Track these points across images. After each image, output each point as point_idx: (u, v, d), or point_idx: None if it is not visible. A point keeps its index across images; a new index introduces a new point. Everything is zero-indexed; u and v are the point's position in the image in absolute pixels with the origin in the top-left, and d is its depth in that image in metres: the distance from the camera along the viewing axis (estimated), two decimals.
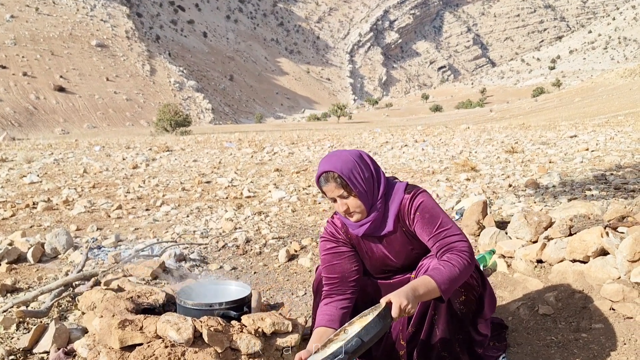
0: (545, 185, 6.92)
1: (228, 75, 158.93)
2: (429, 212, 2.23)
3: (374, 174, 2.27)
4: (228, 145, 15.34)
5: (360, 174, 2.21)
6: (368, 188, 2.24)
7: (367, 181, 2.23)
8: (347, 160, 2.22)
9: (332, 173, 2.19)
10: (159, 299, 2.74)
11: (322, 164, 2.26)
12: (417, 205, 2.24)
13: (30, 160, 11.46)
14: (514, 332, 2.91)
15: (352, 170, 2.20)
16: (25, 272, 4.07)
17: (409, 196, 2.27)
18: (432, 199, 2.30)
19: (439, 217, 2.22)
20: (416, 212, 2.23)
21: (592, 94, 63.99)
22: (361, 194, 2.22)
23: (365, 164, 2.25)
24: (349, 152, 2.27)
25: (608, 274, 2.94)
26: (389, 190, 2.31)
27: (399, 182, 2.36)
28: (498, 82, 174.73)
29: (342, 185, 2.20)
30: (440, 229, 2.20)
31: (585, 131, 15.23)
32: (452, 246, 2.15)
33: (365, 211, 2.26)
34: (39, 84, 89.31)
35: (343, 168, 2.19)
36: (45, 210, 6.31)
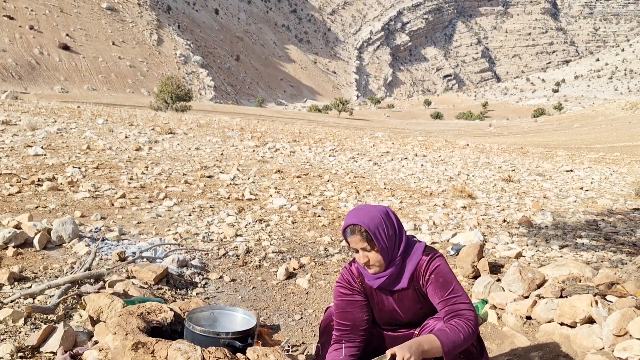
0: (539, 224, 7.08)
1: (235, 55, 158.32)
2: (443, 276, 2.35)
3: (397, 232, 2.40)
4: (230, 135, 15.42)
5: (385, 231, 2.34)
6: (390, 245, 2.36)
7: (390, 238, 2.36)
8: (374, 216, 2.35)
9: (359, 227, 2.32)
10: (168, 317, 2.87)
11: (350, 216, 2.38)
12: (433, 268, 2.36)
13: (35, 127, 11.51)
14: None
15: (377, 227, 2.33)
16: (32, 258, 4.17)
17: (426, 258, 2.39)
18: (447, 264, 2.42)
19: (452, 283, 2.34)
20: (431, 275, 2.35)
21: (592, 121, 64.46)
22: (383, 249, 2.35)
23: (390, 222, 2.38)
24: (377, 209, 2.40)
25: (593, 343, 3.09)
26: (408, 248, 2.44)
27: (418, 242, 2.48)
28: (501, 98, 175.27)
29: (366, 239, 2.33)
30: (452, 295, 2.31)
31: (581, 166, 15.44)
32: (460, 313, 2.27)
33: (384, 265, 2.39)
34: (45, 39, 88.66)
35: (370, 223, 2.32)
36: (50, 189, 6.40)
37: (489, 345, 3.41)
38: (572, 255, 5.48)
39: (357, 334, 2.48)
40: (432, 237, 5.86)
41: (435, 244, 5.68)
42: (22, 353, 2.78)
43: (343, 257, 5.06)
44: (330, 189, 8.58)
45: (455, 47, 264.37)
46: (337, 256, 5.08)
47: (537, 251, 5.59)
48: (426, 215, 7.09)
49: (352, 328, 2.48)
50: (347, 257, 5.03)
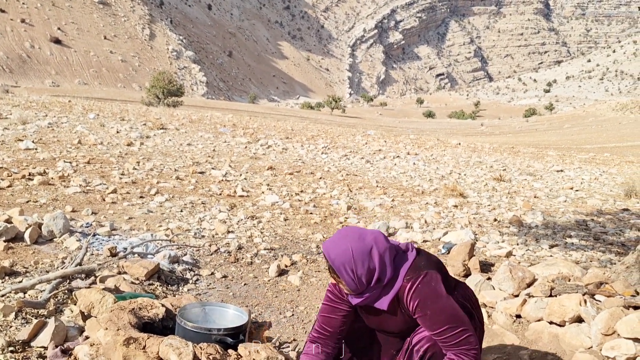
0: (529, 224, 7.13)
1: (227, 50, 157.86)
2: (430, 308, 2.22)
3: (377, 270, 2.27)
4: (222, 131, 15.39)
5: (351, 272, 2.25)
6: (356, 281, 2.26)
7: (356, 277, 2.25)
8: (344, 253, 2.25)
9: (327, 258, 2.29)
10: (159, 313, 2.87)
11: (329, 240, 2.33)
12: (415, 300, 2.24)
13: (25, 121, 11.44)
14: None
15: (343, 264, 2.24)
16: (22, 253, 4.16)
17: (407, 285, 2.26)
18: (433, 285, 2.26)
19: (442, 314, 2.21)
20: (416, 308, 2.24)
21: (582, 122, 64.83)
22: (351, 283, 2.28)
23: (366, 261, 2.25)
24: (355, 243, 2.27)
25: (581, 342, 3.13)
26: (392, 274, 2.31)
27: (405, 263, 2.33)
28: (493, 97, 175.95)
29: (331, 270, 2.31)
30: (443, 328, 2.20)
31: (571, 166, 15.53)
32: (457, 344, 2.20)
33: (355, 293, 2.33)
34: (36, 33, 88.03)
35: (336, 260, 2.25)
36: (41, 184, 6.37)
37: None
38: (562, 255, 5.52)
39: (333, 340, 2.50)
40: (424, 236, 5.89)
41: (426, 243, 5.71)
42: (12, 347, 2.77)
43: None
44: (323, 186, 8.59)
45: (448, 46, 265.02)
46: None
47: (527, 250, 5.63)
48: (418, 214, 7.12)
49: (330, 335, 2.50)
50: None
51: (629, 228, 7.16)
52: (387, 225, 6.08)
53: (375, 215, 6.91)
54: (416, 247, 2.45)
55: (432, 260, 2.40)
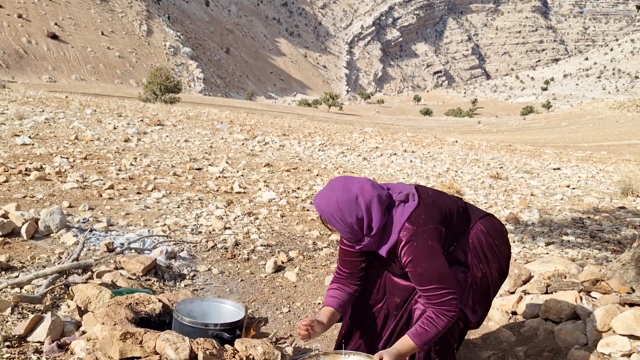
0: (525, 221, 7.15)
1: (225, 47, 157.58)
2: (420, 266, 2.28)
3: (364, 218, 2.30)
4: (220, 127, 15.38)
5: (341, 220, 2.30)
6: (349, 229, 2.33)
7: (347, 225, 2.31)
8: (331, 204, 2.30)
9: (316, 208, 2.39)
10: (156, 308, 2.87)
11: (317, 195, 2.41)
12: (409, 257, 2.29)
13: (22, 116, 11.40)
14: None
15: (332, 215, 2.31)
16: (19, 248, 4.16)
17: (403, 239, 2.30)
18: (429, 244, 2.29)
19: (430, 273, 2.27)
20: (408, 263, 2.30)
21: (580, 120, 64.94)
22: (344, 234, 2.37)
23: (353, 209, 2.29)
24: (341, 194, 2.31)
25: (577, 339, 3.14)
26: (387, 224, 2.34)
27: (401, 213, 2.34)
28: (490, 95, 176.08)
29: (323, 221, 2.42)
30: (429, 287, 2.28)
31: (568, 164, 15.56)
32: (439, 303, 2.29)
33: (353, 241, 2.41)
34: (33, 28, 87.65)
35: (325, 211, 2.33)
36: (38, 179, 6.36)
37: (474, 340, 3.45)
38: (558, 252, 5.54)
39: (354, 279, 2.60)
40: None
41: None
42: (8, 342, 2.77)
43: (331, 252, 5.09)
44: (320, 183, 8.59)
45: (445, 43, 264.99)
46: (325, 250, 5.10)
47: (523, 247, 5.65)
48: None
49: (350, 275, 2.60)
50: (335, 252, 5.04)
51: (625, 226, 7.19)
52: None
53: None
54: (421, 193, 2.45)
55: (436, 209, 2.40)
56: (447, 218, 2.43)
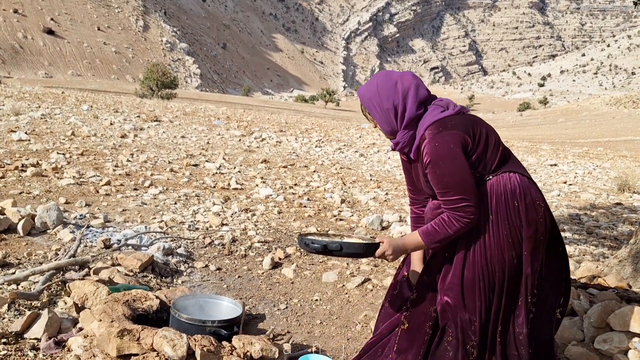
0: None
1: (221, 43, 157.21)
2: (439, 167, 2.24)
3: (399, 105, 2.31)
4: (216, 124, 15.35)
5: (378, 106, 2.34)
6: (385, 118, 2.34)
7: (384, 112, 2.33)
8: (370, 89, 2.36)
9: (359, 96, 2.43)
10: (153, 305, 2.87)
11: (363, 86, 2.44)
12: (430, 156, 2.25)
13: (18, 112, 11.37)
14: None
15: (370, 100, 2.36)
16: (15, 244, 4.14)
17: (427, 137, 2.27)
18: (452, 147, 2.23)
19: (449, 177, 2.22)
20: (428, 163, 2.26)
21: (576, 116, 65.01)
22: (379, 120, 2.37)
23: (390, 95, 2.31)
24: (383, 78, 2.35)
25: (574, 335, 3.14)
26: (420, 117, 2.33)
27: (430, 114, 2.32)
28: (487, 91, 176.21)
29: (363, 110, 2.44)
30: (447, 190, 2.25)
31: (565, 160, 15.59)
32: (454, 208, 2.25)
33: (387, 133, 2.42)
34: (29, 23, 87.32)
35: (364, 95, 2.39)
36: (34, 175, 6.34)
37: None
38: None
39: (419, 194, 2.58)
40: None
41: None
42: (5, 339, 2.76)
43: None
44: (317, 179, 8.59)
45: (442, 39, 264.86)
46: None
47: None
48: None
49: (414, 189, 2.59)
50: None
51: (622, 222, 7.21)
52: (381, 218, 6.08)
53: (369, 209, 6.91)
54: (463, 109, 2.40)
55: (470, 123, 2.32)
56: (479, 137, 2.31)
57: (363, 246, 2.35)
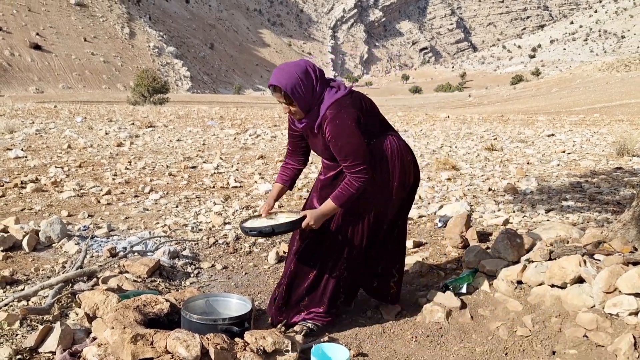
0: (524, 190, 7.17)
1: (209, 43, 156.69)
2: (340, 140, 2.78)
3: (314, 86, 2.80)
4: (210, 124, 15.33)
5: (301, 88, 2.76)
6: (305, 100, 2.80)
7: (305, 93, 2.78)
8: (291, 75, 2.76)
9: (279, 87, 2.76)
10: (164, 308, 2.88)
11: (273, 75, 2.82)
12: (332, 132, 2.78)
13: (12, 130, 11.36)
14: (492, 352, 3.10)
15: (295, 86, 2.75)
16: (22, 261, 4.15)
17: (329, 116, 2.78)
18: (349, 123, 2.78)
19: (348, 146, 2.78)
20: (331, 138, 2.79)
21: (570, 85, 64.94)
22: (300, 104, 2.80)
23: (306, 79, 2.78)
24: (296, 67, 2.80)
25: (584, 302, 3.16)
26: (323, 97, 2.84)
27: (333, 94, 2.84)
28: (478, 67, 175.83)
29: (285, 97, 2.79)
30: (347, 158, 2.80)
31: (562, 129, 15.59)
32: (354, 172, 2.81)
33: (303, 114, 2.86)
34: (14, 40, 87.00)
35: (287, 84, 2.75)
36: (34, 191, 6.34)
37: (482, 312, 3.47)
38: (559, 218, 5.56)
39: (297, 155, 3.24)
40: (419, 211, 5.91)
41: (422, 218, 5.74)
42: (20, 355, 2.77)
43: None
44: (314, 170, 8.59)
45: (429, 19, 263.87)
46: None
47: (524, 217, 5.67)
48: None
49: (294, 151, 3.23)
50: None
51: (623, 186, 7.22)
52: None
53: None
54: (353, 89, 2.96)
55: (360, 101, 2.92)
56: (366, 112, 2.93)
57: (290, 224, 2.86)
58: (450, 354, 3.11)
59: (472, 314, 3.46)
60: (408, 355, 3.08)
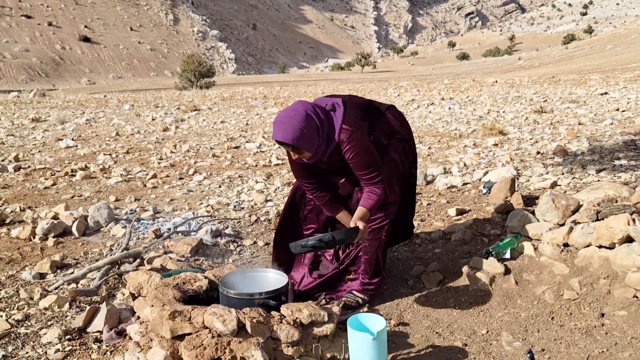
0: (574, 152, 6.90)
1: (251, 24, 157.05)
2: (361, 158, 2.90)
3: (318, 127, 2.83)
4: (254, 104, 15.42)
5: (306, 136, 2.77)
6: (314, 142, 2.83)
7: (312, 137, 2.80)
8: (294, 128, 2.74)
9: (287, 143, 2.77)
10: (203, 285, 2.93)
11: (276, 130, 2.80)
12: (352, 152, 2.89)
13: (64, 121, 11.75)
14: (538, 316, 3.03)
15: (299, 138, 2.76)
16: (72, 246, 4.30)
17: (344, 139, 2.88)
18: (365, 141, 2.93)
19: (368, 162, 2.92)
20: (352, 157, 2.90)
21: (625, 40, 61.83)
22: (309, 149, 2.84)
23: (310, 124, 2.79)
24: (296, 116, 2.77)
25: (633, 261, 3.03)
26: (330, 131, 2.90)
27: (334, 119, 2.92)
28: (528, 29, 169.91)
29: (294, 149, 2.84)
30: (366, 171, 2.92)
31: (616, 87, 14.91)
32: (373, 183, 2.94)
33: (313, 155, 2.91)
34: (64, 34, 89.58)
35: (294, 138, 2.75)
36: (84, 179, 6.55)
37: (527, 277, 3.38)
38: (610, 178, 5.33)
39: (324, 185, 3.21)
40: (464, 178, 5.78)
41: (467, 185, 5.62)
42: (69, 336, 2.88)
43: None
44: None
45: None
46: None
47: (573, 178, 5.46)
48: (456, 158, 6.99)
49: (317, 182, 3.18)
50: None
51: None
52: (425, 173, 5.99)
53: None
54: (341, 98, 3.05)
55: (358, 108, 3.03)
56: (365, 112, 3.08)
57: (348, 233, 2.85)
58: (494, 320, 3.05)
59: (517, 279, 3.38)
60: (450, 323, 3.04)
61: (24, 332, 2.95)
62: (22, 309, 3.22)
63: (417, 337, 2.92)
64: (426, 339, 2.91)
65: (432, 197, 5.27)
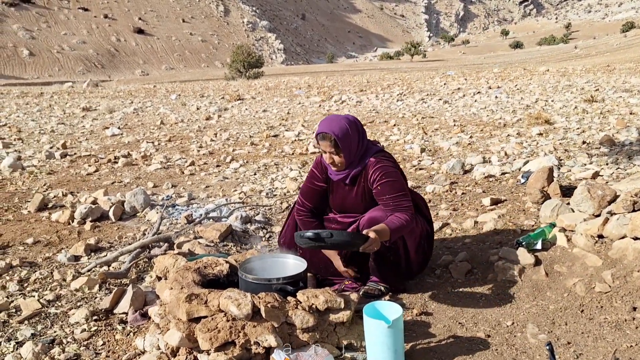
0: (622, 142, 6.63)
1: (300, 14, 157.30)
2: (390, 177, 2.92)
3: (360, 139, 2.92)
4: (297, 93, 15.46)
5: (350, 138, 2.85)
6: (353, 149, 2.89)
7: (353, 144, 2.87)
8: (343, 126, 2.84)
9: (330, 135, 2.82)
10: (223, 270, 2.95)
11: (322, 124, 2.89)
12: (379, 172, 2.91)
13: (112, 110, 12.08)
14: (567, 309, 2.92)
15: (346, 136, 2.83)
16: (107, 230, 4.42)
17: (374, 161, 2.93)
18: (393, 166, 2.98)
19: (397, 184, 2.94)
20: (380, 177, 2.91)
21: None
22: (347, 154, 2.88)
23: (356, 131, 2.89)
24: (346, 119, 2.90)
25: None
26: (366, 152, 2.98)
27: (374, 147, 3.02)
28: (584, 17, 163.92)
29: (334, 146, 2.85)
30: (397, 194, 2.92)
31: None
32: (403, 208, 2.92)
33: (345, 165, 2.94)
34: (119, 26, 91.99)
35: (339, 133, 2.82)
36: (125, 165, 6.72)
37: (558, 269, 3.26)
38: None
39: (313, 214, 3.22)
40: (502, 168, 5.64)
41: (505, 175, 5.47)
42: (96, 316, 2.96)
43: None
44: (396, 132, 8.44)
45: None
46: None
47: (617, 169, 5.25)
48: (498, 147, 6.82)
49: (310, 209, 3.21)
50: None
51: None
52: (462, 162, 5.87)
53: (451, 154, 6.70)
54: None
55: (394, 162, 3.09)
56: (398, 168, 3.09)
57: (351, 235, 2.73)
58: (520, 311, 2.97)
59: (547, 271, 3.27)
60: (475, 314, 2.97)
61: (54, 312, 3.05)
62: (55, 290, 3.33)
63: (439, 327, 2.87)
64: (448, 329, 2.85)
65: (468, 187, 5.16)
